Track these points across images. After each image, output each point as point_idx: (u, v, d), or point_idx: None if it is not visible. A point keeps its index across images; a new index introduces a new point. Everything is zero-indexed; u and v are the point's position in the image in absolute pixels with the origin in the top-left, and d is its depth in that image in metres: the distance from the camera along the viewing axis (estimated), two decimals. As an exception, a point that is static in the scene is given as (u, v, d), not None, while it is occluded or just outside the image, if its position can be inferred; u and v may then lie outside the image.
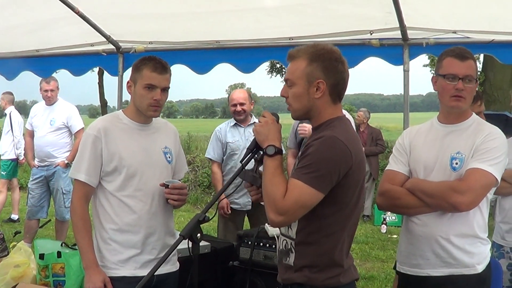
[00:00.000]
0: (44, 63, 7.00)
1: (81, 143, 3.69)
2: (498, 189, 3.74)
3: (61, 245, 4.74)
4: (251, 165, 3.08)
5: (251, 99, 6.62)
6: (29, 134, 8.73)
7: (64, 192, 8.24)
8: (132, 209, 3.63)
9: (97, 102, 30.61)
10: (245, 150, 3.11)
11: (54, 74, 7.72)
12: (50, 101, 8.30)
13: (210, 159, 6.78)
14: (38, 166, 8.34)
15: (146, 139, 3.75)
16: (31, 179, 8.58)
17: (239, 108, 6.41)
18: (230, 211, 6.40)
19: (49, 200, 8.55)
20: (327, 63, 2.91)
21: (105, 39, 6.41)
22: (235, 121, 6.56)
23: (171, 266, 3.82)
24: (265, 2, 5.57)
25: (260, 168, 3.05)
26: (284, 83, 3.04)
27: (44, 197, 8.42)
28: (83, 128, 8.25)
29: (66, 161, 8.18)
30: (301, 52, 2.97)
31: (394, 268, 5.25)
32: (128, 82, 3.74)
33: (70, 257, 4.44)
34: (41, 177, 8.32)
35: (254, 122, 6.35)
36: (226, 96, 6.89)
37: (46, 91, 8.21)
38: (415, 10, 5.16)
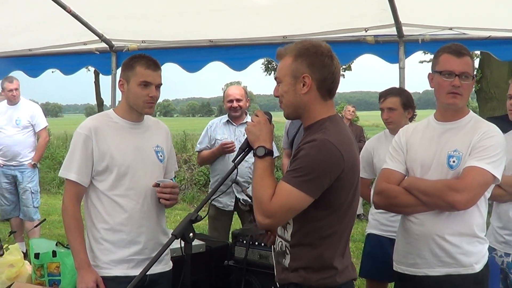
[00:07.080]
0: (36, 62, 6.99)
1: (72, 142, 3.66)
2: (494, 196, 3.71)
3: (56, 244, 4.72)
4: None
5: (247, 96, 6.46)
6: None
7: (32, 191, 8.26)
8: (124, 208, 3.59)
9: (93, 101, 30.69)
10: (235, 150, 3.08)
11: (48, 73, 7.64)
12: (15, 100, 8.25)
13: (197, 152, 6.61)
14: (3, 165, 8.26)
15: (138, 137, 3.72)
16: None
17: (235, 104, 6.22)
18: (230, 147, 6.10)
19: (18, 199, 8.53)
20: (312, 58, 2.86)
21: (97, 38, 6.40)
22: (227, 118, 6.39)
23: (164, 265, 3.79)
24: (259, 1, 5.53)
25: None
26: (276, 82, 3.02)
27: (15, 196, 8.42)
28: (46, 126, 8.35)
29: (32, 162, 8.23)
30: (288, 50, 2.94)
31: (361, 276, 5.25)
32: (120, 81, 3.70)
33: (65, 256, 4.44)
34: (9, 176, 8.30)
35: (247, 122, 6.25)
36: (222, 94, 6.65)
37: (11, 90, 8.12)
38: (410, 7, 5.13)
